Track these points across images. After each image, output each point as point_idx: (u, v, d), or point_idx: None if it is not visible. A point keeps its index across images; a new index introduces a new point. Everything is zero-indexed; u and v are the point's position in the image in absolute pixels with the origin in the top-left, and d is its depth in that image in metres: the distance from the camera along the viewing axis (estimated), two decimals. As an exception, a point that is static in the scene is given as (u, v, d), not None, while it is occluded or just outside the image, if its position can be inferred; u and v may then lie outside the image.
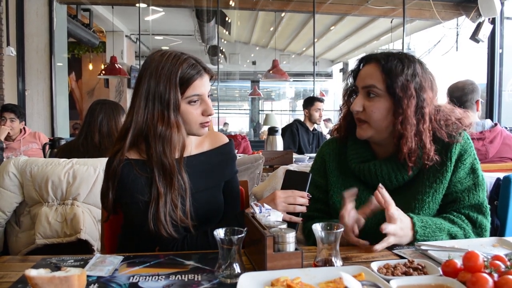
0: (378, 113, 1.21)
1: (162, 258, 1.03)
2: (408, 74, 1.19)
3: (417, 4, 5.91)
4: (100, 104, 2.23)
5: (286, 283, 0.81)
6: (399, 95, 1.18)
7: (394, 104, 1.19)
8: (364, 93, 1.24)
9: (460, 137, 1.22)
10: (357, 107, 1.23)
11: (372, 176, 1.25)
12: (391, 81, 1.18)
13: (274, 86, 14.02)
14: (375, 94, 1.21)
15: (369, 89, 1.22)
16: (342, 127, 1.37)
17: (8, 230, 2.00)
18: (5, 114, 3.78)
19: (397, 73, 1.19)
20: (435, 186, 1.21)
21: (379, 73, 1.21)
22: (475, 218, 1.20)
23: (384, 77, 1.20)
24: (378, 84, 1.20)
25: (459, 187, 1.22)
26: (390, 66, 1.20)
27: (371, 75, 1.23)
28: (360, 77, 1.27)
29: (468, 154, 1.22)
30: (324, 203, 1.36)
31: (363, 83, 1.24)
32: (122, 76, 6.60)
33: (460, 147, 1.22)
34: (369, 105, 1.22)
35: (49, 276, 0.74)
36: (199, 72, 1.17)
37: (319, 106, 4.09)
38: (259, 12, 7.36)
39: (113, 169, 1.15)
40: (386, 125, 1.22)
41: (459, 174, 1.22)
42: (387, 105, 1.20)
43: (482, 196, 1.22)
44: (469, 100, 2.26)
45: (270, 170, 3.21)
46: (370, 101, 1.22)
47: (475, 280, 0.75)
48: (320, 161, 1.40)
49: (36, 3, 5.05)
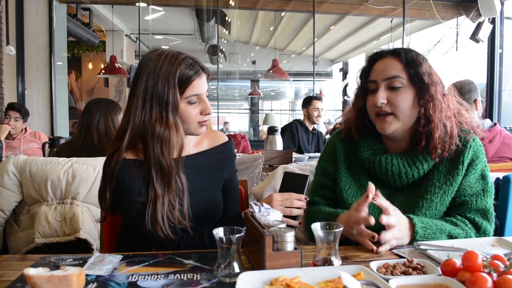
0: (405, 102, 1.21)
1: (161, 257, 1.03)
2: (428, 64, 1.23)
3: (417, 4, 5.91)
4: (96, 103, 2.23)
5: (285, 283, 0.81)
6: (427, 82, 1.19)
7: (418, 93, 1.20)
8: (386, 85, 1.23)
9: (472, 138, 1.23)
10: (382, 99, 1.21)
11: (382, 170, 1.24)
12: (414, 71, 1.20)
13: (274, 85, 14.01)
14: (399, 85, 1.21)
15: (391, 81, 1.21)
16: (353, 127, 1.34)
17: (7, 229, 2.00)
18: (10, 112, 3.77)
19: (420, 62, 1.21)
20: (444, 187, 1.21)
21: (399, 64, 1.22)
22: (480, 223, 1.20)
23: (406, 68, 1.21)
24: (401, 74, 1.21)
25: (468, 191, 1.22)
26: (411, 56, 1.22)
27: (391, 66, 1.22)
28: (378, 71, 1.25)
29: (480, 160, 1.23)
30: (331, 190, 1.36)
31: (384, 75, 1.22)
32: (122, 75, 6.59)
33: (473, 152, 1.22)
34: (394, 96, 1.21)
35: (48, 275, 0.74)
36: (197, 72, 1.17)
37: (317, 105, 4.09)
38: (259, 12, 7.35)
39: (111, 170, 1.15)
40: (411, 115, 1.22)
41: (469, 178, 1.22)
42: (412, 95, 1.21)
43: (490, 203, 1.23)
44: (466, 100, 2.26)
45: (269, 170, 3.20)
46: (394, 92, 1.21)
47: (474, 279, 0.75)
48: (331, 149, 1.40)
49: (36, 2, 5.04)
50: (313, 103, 4.09)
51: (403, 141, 1.27)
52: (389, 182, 1.25)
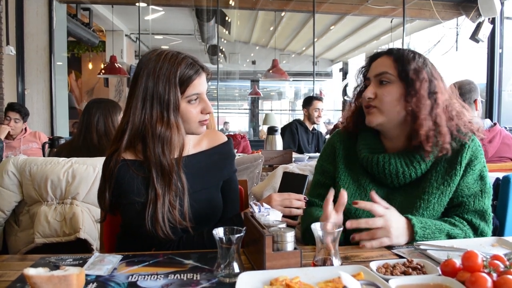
0: (390, 96, 1.23)
1: (161, 257, 1.03)
2: (419, 61, 1.24)
3: (417, 4, 5.91)
4: (95, 104, 2.23)
5: (285, 283, 0.81)
6: (412, 78, 1.21)
7: (406, 89, 1.22)
8: (376, 81, 1.26)
9: (470, 139, 1.23)
10: (369, 94, 1.25)
11: (380, 169, 1.25)
12: (403, 67, 1.22)
13: (274, 85, 14.00)
14: (387, 80, 1.24)
15: (380, 77, 1.25)
16: (349, 124, 1.38)
17: (7, 229, 2.00)
18: (10, 113, 3.76)
19: (409, 59, 1.23)
20: (442, 188, 1.21)
21: (390, 62, 1.25)
22: (478, 224, 1.20)
23: (396, 64, 1.24)
24: (389, 70, 1.24)
25: (465, 192, 1.22)
26: (401, 53, 1.25)
27: (382, 64, 1.26)
28: (371, 69, 1.30)
29: (478, 161, 1.23)
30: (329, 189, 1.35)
31: (375, 72, 1.27)
32: (122, 75, 6.60)
33: (471, 153, 1.22)
34: (381, 91, 1.24)
35: (48, 275, 0.74)
36: (197, 71, 1.17)
37: (318, 105, 4.09)
38: (259, 12, 7.35)
39: (110, 170, 1.15)
40: (398, 110, 1.23)
41: (467, 179, 1.22)
42: (399, 90, 1.23)
43: (487, 204, 1.22)
44: (466, 100, 2.26)
45: (269, 170, 3.20)
46: (381, 88, 1.25)
47: (474, 279, 0.75)
48: (330, 148, 1.42)
49: (36, 2, 5.04)
50: (313, 103, 4.09)
51: (400, 140, 1.28)
52: (387, 182, 1.25)
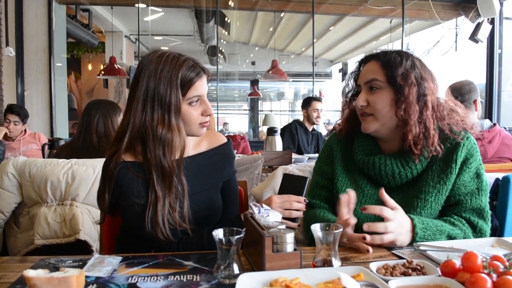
0: (382, 103, 1.24)
1: (161, 259, 1.03)
2: (407, 65, 1.24)
3: (416, 4, 5.91)
4: (95, 105, 2.23)
5: (285, 284, 0.81)
6: (400, 84, 1.21)
7: (396, 94, 1.22)
8: (367, 88, 1.27)
9: (463, 137, 1.24)
10: (361, 102, 1.26)
11: (376, 170, 1.26)
12: (391, 72, 1.23)
13: (273, 86, 14.00)
14: (377, 87, 1.25)
15: (370, 84, 1.26)
16: (344, 129, 1.40)
17: (7, 230, 2.00)
18: (9, 116, 3.75)
19: (396, 64, 1.23)
20: (438, 186, 1.21)
21: (378, 67, 1.25)
22: (476, 222, 1.20)
23: (384, 70, 1.24)
24: (378, 76, 1.24)
25: (462, 190, 1.22)
26: (388, 59, 1.25)
27: (371, 70, 1.27)
28: (361, 76, 1.31)
29: (474, 158, 1.23)
30: (328, 190, 1.38)
31: (365, 79, 1.28)
32: (121, 76, 6.59)
33: (466, 151, 1.23)
34: (372, 98, 1.25)
35: (48, 277, 0.74)
36: (198, 74, 1.17)
37: (317, 106, 4.09)
38: (258, 12, 7.35)
39: (110, 172, 1.15)
40: (390, 115, 1.24)
41: (464, 177, 1.22)
42: (389, 96, 1.24)
43: (485, 201, 1.23)
44: (466, 100, 2.26)
45: (269, 171, 3.20)
46: (373, 95, 1.25)
47: (474, 280, 0.75)
48: (328, 150, 1.43)
49: (35, 3, 5.04)
50: (312, 104, 4.10)
51: (395, 141, 1.29)
52: (383, 182, 1.26)
